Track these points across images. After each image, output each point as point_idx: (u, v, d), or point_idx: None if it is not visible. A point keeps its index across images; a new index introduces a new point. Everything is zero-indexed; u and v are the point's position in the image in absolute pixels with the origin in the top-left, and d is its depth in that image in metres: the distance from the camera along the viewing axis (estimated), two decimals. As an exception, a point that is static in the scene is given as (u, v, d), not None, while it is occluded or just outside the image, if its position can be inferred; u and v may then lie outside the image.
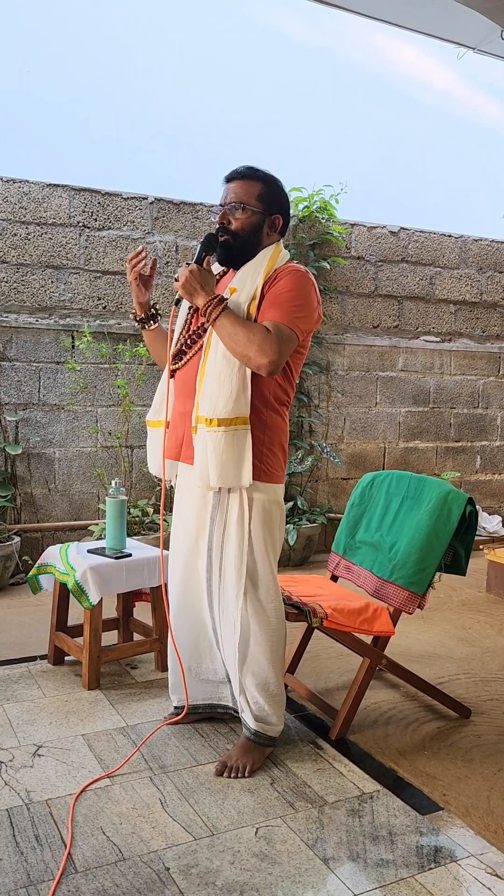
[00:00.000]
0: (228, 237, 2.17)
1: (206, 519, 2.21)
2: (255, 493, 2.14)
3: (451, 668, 3.03)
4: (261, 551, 2.16)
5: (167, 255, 4.52)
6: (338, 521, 4.72)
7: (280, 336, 2.04)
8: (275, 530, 2.21)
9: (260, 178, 2.19)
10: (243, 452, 2.07)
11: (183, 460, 2.24)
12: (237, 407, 2.06)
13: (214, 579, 2.22)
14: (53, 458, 4.32)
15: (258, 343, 2.01)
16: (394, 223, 5.19)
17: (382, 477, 2.78)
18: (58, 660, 2.91)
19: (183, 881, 1.67)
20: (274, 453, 2.19)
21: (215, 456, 2.05)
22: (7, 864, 1.72)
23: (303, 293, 2.11)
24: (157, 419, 2.35)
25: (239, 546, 2.14)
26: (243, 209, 2.16)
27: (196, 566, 2.26)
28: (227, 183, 2.22)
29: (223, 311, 2.05)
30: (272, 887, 1.67)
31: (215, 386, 2.07)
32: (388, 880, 1.71)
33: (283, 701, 2.24)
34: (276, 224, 2.22)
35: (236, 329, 2.03)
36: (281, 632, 2.21)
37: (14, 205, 4.13)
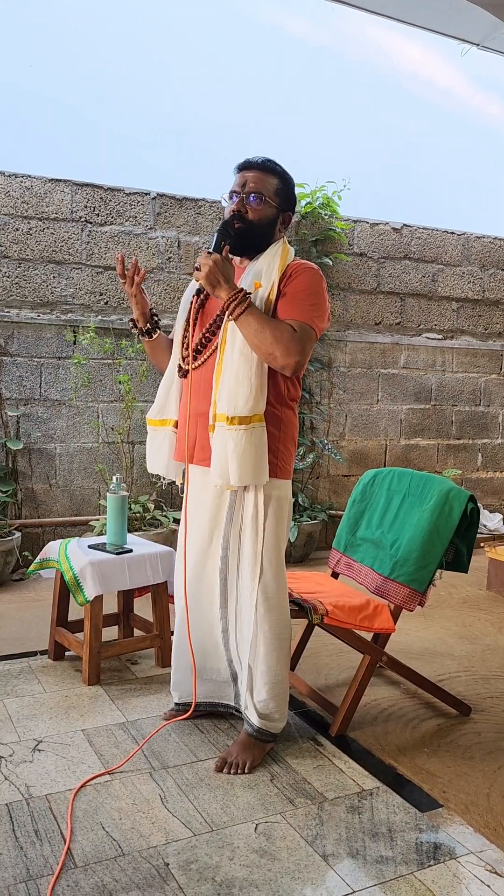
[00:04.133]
0: (244, 226, 2.13)
1: (222, 519, 2.20)
2: (269, 489, 2.14)
3: (451, 666, 3.03)
4: (273, 548, 2.16)
5: (169, 251, 4.51)
6: (339, 518, 4.72)
7: (304, 336, 2.04)
8: (285, 526, 2.21)
9: (278, 173, 2.18)
10: (261, 449, 2.06)
11: (197, 463, 2.21)
12: (256, 404, 2.05)
13: (231, 578, 2.22)
14: (55, 454, 4.32)
15: (285, 343, 2.00)
16: (396, 220, 5.18)
17: (384, 474, 2.77)
18: (58, 655, 2.91)
19: (182, 877, 1.68)
20: (287, 448, 2.19)
21: (236, 454, 2.03)
22: (6, 859, 1.72)
23: (318, 291, 2.11)
24: (162, 418, 2.33)
25: (254, 544, 2.14)
26: (262, 201, 2.14)
27: (208, 566, 2.25)
28: (244, 171, 2.18)
29: (249, 306, 2.02)
30: (272, 883, 1.67)
31: (234, 383, 2.05)
32: (387, 877, 1.71)
33: (287, 698, 2.24)
34: (287, 221, 2.22)
35: (262, 327, 2.00)
36: (288, 629, 2.21)
37: (16, 200, 4.12)
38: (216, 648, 2.31)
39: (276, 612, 2.17)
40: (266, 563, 2.15)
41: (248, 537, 2.16)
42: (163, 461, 2.34)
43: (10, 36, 4.43)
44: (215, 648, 2.31)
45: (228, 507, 2.18)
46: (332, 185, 4.72)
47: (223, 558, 2.21)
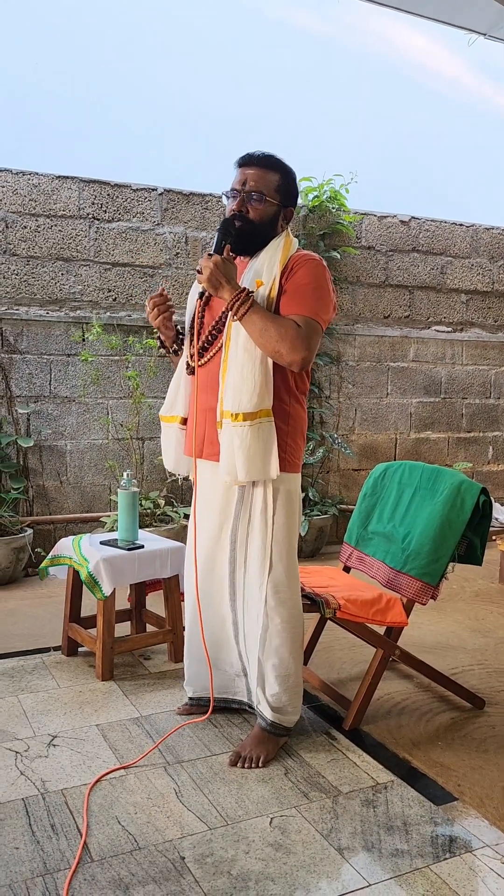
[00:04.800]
0: (245, 225, 2.12)
1: (230, 513, 2.21)
2: (278, 483, 2.14)
3: (464, 659, 3.02)
4: (283, 542, 2.17)
5: (177, 247, 4.51)
6: (349, 512, 4.71)
7: (309, 331, 2.03)
8: (295, 520, 2.21)
9: (279, 168, 2.16)
10: (269, 444, 2.06)
11: (206, 458, 2.22)
12: (261, 400, 2.05)
13: (238, 572, 2.23)
14: (65, 451, 4.33)
15: (290, 339, 2.00)
16: (404, 212, 5.16)
17: (395, 467, 2.77)
18: (71, 651, 2.92)
19: (198, 870, 1.68)
20: (296, 442, 2.20)
21: (242, 450, 2.04)
22: (24, 853, 1.73)
23: (322, 283, 2.10)
24: (171, 414, 2.34)
25: (263, 538, 2.15)
26: (262, 199, 2.12)
27: (218, 560, 2.26)
28: (244, 167, 2.16)
29: (252, 305, 2.02)
30: (287, 877, 1.67)
31: (238, 380, 2.06)
32: (403, 870, 1.71)
33: (301, 691, 2.24)
34: (289, 216, 2.22)
35: (267, 325, 2.00)
36: (301, 622, 2.21)
37: (24, 197, 4.13)
38: (227, 642, 2.32)
39: (289, 606, 2.17)
40: (276, 557, 2.15)
41: (256, 531, 2.16)
42: (171, 457, 2.36)
43: (16, 32, 4.43)
44: (227, 642, 2.32)
45: (237, 501, 2.19)
46: (339, 179, 4.70)
47: (231, 552, 2.23)
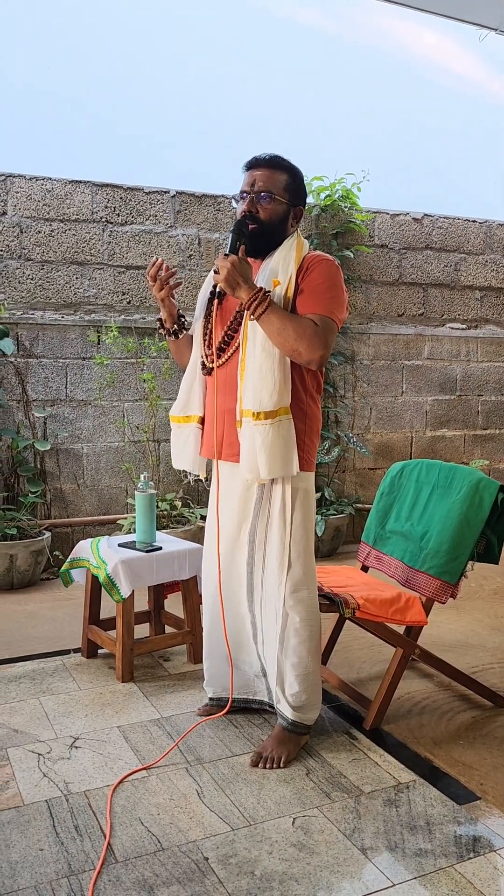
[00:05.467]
0: (256, 226, 2.14)
1: (249, 513, 2.22)
2: (296, 482, 2.16)
3: (484, 658, 3.00)
4: (300, 540, 2.18)
5: (190, 249, 4.52)
6: (365, 511, 4.70)
7: (326, 329, 2.05)
8: (311, 518, 2.23)
9: (286, 168, 2.19)
10: (290, 441, 2.08)
11: (226, 459, 2.22)
12: (280, 398, 2.06)
13: (256, 572, 2.24)
14: (82, 454, 4.35)
15: (308, 338, 2.01)
16: (417, 210, 5.14)
17: (412, 466, 2.76)
18: (91, 653, 2.94)
19: (222, 871, 1.68)
20: (312, 441, 2.21)
21: (264, 448, 2.05)
22: (48, 855, 1.74)
23: (336, 283, 2.12)
24: (186, 415, 2.34)
25: (281, 537, 2.16)
26: (272, 199, 2.14)
27: (236, 560, 2.27)
28: (252, 170, 2.18)
29: (269, 305, 2.03)
30: (311, 877, 1.67)
31: (258, 379, 2.07)
32: (427, 870, 1.70)
33: (319, 689, 2.25)
34: (299, 215, 2.23)
35: (285, 324, 2.02)
36: (318, 620, 2.22)
37: (38, 202, 4.16)
38: (247, 642, 2.33)
39: (307, 604, 2.18)
40: (294, 556, 2.16)
41: (275, 530, 2.17)
42: (189, 457, 2.34)
43: (26, 38, 4.46)
44: (247, 641, 2.33)
45: (256, 500, 2.20)
46: (351, 177, 4.69)
47: (250, 552, 2.23)
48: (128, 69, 4.70)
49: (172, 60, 4.85)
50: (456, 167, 5.66)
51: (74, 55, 4.56)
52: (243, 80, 4.99)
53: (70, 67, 4.54)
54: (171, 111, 4.82)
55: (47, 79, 4.49)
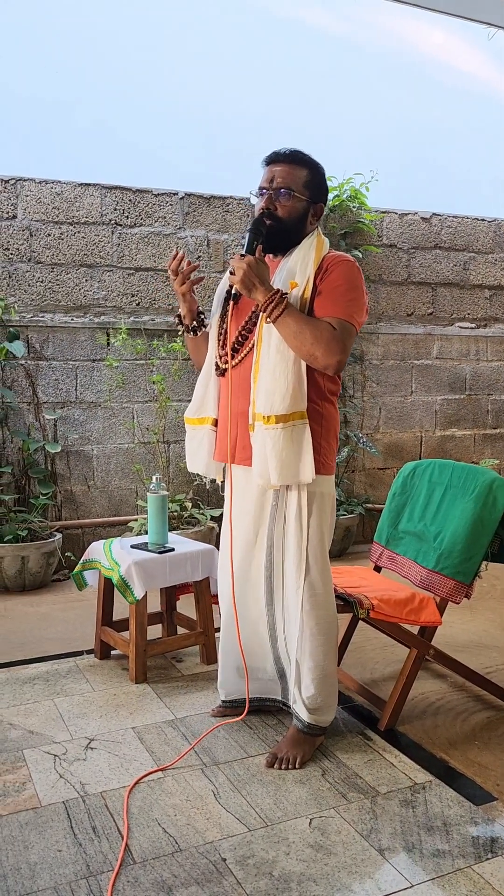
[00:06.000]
0: (274, 223, 2.09)
1: (266, 517, 2.18)
2: (312, 486, 2.11)
3: (497, 658, 3.00)
4: (317, 545, 2.15)
5: (199, 250, 4.52)
6: (375, 511, 4.70)
7: (344, 333, 2.01)
8: (329, 522, 2.20)
9: (306, 163, 2.13)
10: (303, 447, 2.03)
11: (238, 462, 2.18)
12: (294, 402, 2.01)
13: (276, 576, 2.21)
14: (92, 455, 4.36)
15: (325, 342, 1.97)
16: (426, 209, 5.13)
17: (424, 466, 2.75)
18: (104, 654, 2.95)
19: (240, 872, 1.69)
20: (330, 444, 2.17)
21: (275, 454, 2.01)
22: (67, 856, 1.75)
23: (356, 285, 2.08)
24: (200, 417, 2.30)
25: (298, 541, 2.13)
26: (291, 195, 2.09)
27: (254, 564, 2.24)
28: (271, 165, 2.13)
29: (286, 308, 1.99)
30: (329, 878, 1.67)
31: (270, 381, 2.02)
32: (444, 871, 1.70)
33: (336, 691, 2.24)
34: (319, 212, 2.17)
35: (301, 328, 1.97)
36: (335, 622, 2.21)
37: (47, 205, 4.17)
38: (261, 647, 2.31)
39: (323, 608, 2.16)
40: (311, 560, 2.14)
41: (292, 535, 2.14)
42: (203, 460, 2.30)
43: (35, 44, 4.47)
44: (260, 647, 2.31)
45: (272, 505, 2.17)
46: (359, 177, 4.69)
47: (268, 556, 2.21)
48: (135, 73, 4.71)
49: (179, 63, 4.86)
50: (465, 166, 5.65)
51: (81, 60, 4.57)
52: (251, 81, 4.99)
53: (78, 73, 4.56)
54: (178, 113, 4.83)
55: (56, 84, 4.50)
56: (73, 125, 4.54)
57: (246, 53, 5.03)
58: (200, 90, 4.88)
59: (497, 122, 5.74)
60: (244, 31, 5.05)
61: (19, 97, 4.41)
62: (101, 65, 4.62)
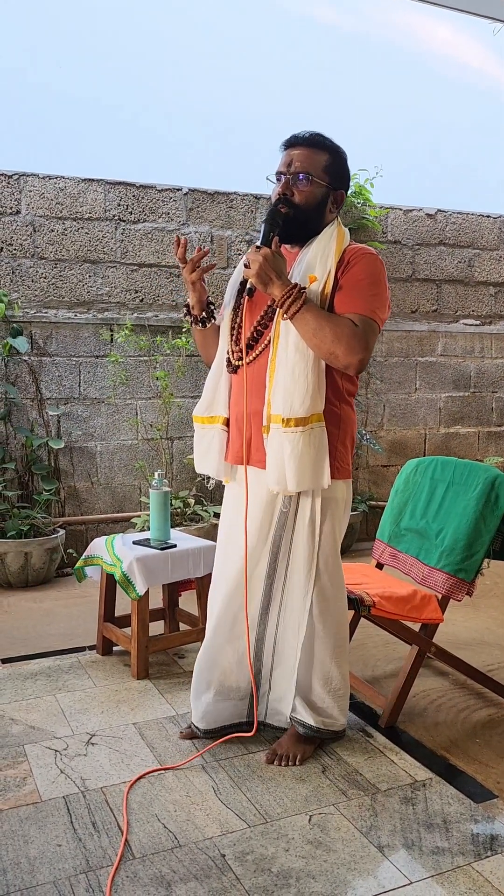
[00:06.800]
0: (291, 210, 1.98)
1: (272, 523, 2.07)
2: (327, 492, 2.03)
3: (499, 656, 2.99)
4: (330, 551, 2.08)
5: (203, 246, 4.51)
6: (379, 508, 4.69)
7: (367, 330, 1.90)
8: (342, 527, 2.13)
9: (327, 147, 2.02)
10: (322, 452, 1.94)
11: (252, 464, 2.07)
12: (314, 403, 1.92)
13: (276, 586, 2.11)
14: (95, 452, 4.36)
15: (346, 340, 1.87)
16: (430, 205, 5.11)
17: (427, 463, 2.75)
18: (106, 650, 2.95)
19: (239, 868, 1.69)
20: (346, 447, 2.07)
21: (294, 458, 1.91)
22: (66, 850, 1.75)
23: (379, 280, 1.97)
24: (210, 415, 2.17)
25: (310, 548, 2.05)
26: (309, 181, 1.98)
27: (254, 574, 2.11)
28: (289, 149, 2.01)
29: (305, 303, 1.88)
30: (328, 874, 1.67)
31: (289, 382, 1.92)
32: (444, 868, 1.70)
33: (346, 695, 2.19)
34: (340, 200, 2.05)
35: (321, 325, 1.87)
36: (345, 627, 2.16)
37: (51, 201, 4.17)
38: (240, 664, 2.17)
39: (336, 614, 2.10)
40: (322, 566, 2.06)
41: (302, 541, 2.05)
42: (213, 462, 2.17)
43: (38, 37, 4.47)
44: (238, 663, 2.17)
45: (281, 511, 2.06)
46: (364, 173, 4.67)
47: (270, 564, 2.09)
48: (140, 67, 4.70)
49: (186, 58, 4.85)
50: (470, 162, 5.62)
51: (87, 54, 4.57)
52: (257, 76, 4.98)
53: (82, 66, 4.55)
54: (184, 109, 4.82)
55: (60, 78, 4.50)
56: (77, 120, 4.53)
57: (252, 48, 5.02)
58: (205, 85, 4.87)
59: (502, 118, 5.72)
60: (251, 26, 5.03)
61: (23, 92, 4.40)
62: (106, 59, 4.61)
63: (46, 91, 4.46)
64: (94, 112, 4.57)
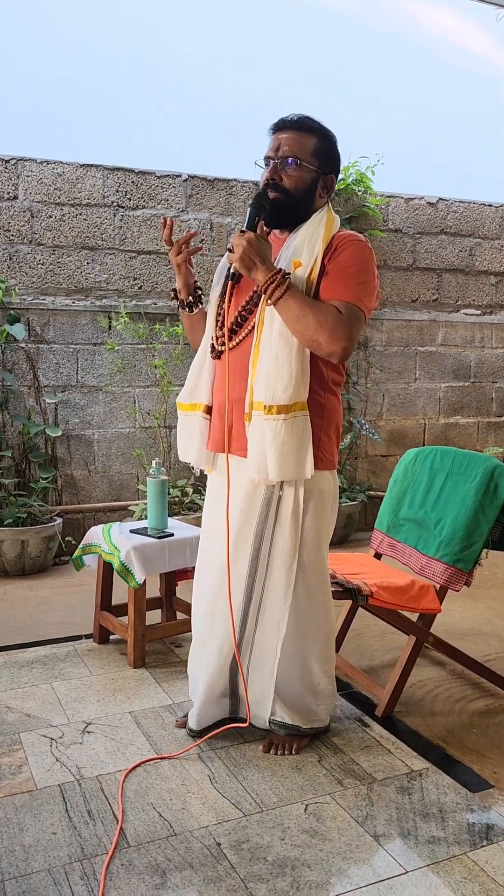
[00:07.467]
0: (279, 195, 1.95)
1: (255, 515, 2.02)
2: (310, 483, 1.98)
3: (497, 646, 2.99)
4: (313, 545, 2.03)
5: (202, 233, 4.48)
6: (378, 498, 4.68)
7: (351, 318, 1.86)
8: (329, 521, 2.08)
9: (316, 130, 1.98)
10: (304, 441, 1.90)
11: (232, 452, 2.03)
12: (297, 391, 1.88)
13: (258, 582, 2.05)
14: (93, 440, 4.35)
15: (330, 328, 1.83)
16: (432, 194, 5.08)
17: (426, 453, 2.73)
18: (103, 639, 2.94)
19: (234, 856, 1.68)
20: (330, 437, 2.03)
21: (275, 447, 1.87)
22: (61, 838, 1.74)
23: (367, 267, 1.93)
24: (192, 402, 2.15)
25: (292, 541, 2.00)
26: (298, 165, 1.94)
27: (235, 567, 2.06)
28: (277, 133, 1.98)
29: (288, 289, 1.85)
30: (323, 863, 1.67)
31: (273, 369, 1.88)
32: (439, 857, 1.69)
33: (332, 696, 2.17)
34: (330, 185, 2.01)
35: (304, 311, 1.84)
36: (331, 625, 2.13)
37: (48, 186, 4.13)
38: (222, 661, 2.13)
39: (322, 610, 2.08)
40: (306, 560, 2.02)
41: (285, 535, 2.00)
42: (194, 450, 2.14)
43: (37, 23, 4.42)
44: (221, 661, 2.13)
45: (264, 502, 2.01)
46: (365, 161, 4.64)
47: (252, 559, 2.03)
48: (140, 53, 4.65)
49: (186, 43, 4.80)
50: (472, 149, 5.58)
51: (85, 39, 4.51)
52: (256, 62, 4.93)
53: (81, 51, 4.50)
54: (184, 94, 4.77)
55: (58, 63, 4.44)
56: (76, 105, 4.49)
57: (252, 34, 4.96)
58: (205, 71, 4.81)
59: (505, 106, 5.66)
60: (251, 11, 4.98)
61: (20, 76, 4.36)
62: (104, 44, 4.56)
63: (44, 76, 4.41)
64: (92, 97, 4.53)
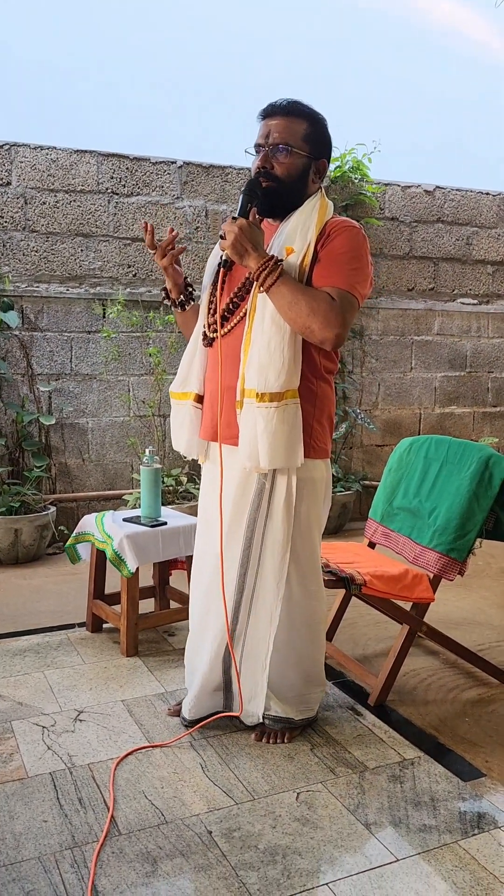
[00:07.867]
0: (271, 183, 1.93)
1: (247, 504, 2.00)
2: (303, 471, 1.97)
3: (490, 635, 2.99)
4: (306, 534, 2.02)
5: (197, 220, 4.45)
6: (372, 488, 4.67)
7: (344, 305, 1.85)
8: (321, 510, 2.07)
9: (306, 115, 1.95)
10: (295, 429, 1.89)
11: (224, 441, 2.00)
12: (289, 379, 1.86)
13: (250, 572, 2.03)
14: (87, 428, 4.33)
15: (323, 314, 1.82)
16: (429, 182, 5.04)
17: (421, 442, 2.72)
18: (96, 627, 2.94)
19: (225, 844, 1.68)
20: (322, 426, 2.02)
21: (266, 434, 1.86)
22: (52, 826, 1.74)
23: (360, 254, 1.91)
24: (184, 391, 2.13)
25: (285, 531, 1.98)
26: (289, 152, 1.92)
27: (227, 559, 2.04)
28: (267, 119, 1.95)
29: (280, 275, 1.83)
30: (314, 851, 1.66)
31: (265, 355, 1.86)
32: (431, 846, 1.69)
33: (322, 682, 2.18)
34: (322, 169, 1.99)
35: (297, 298, 1.82)
36: (323, 616, 2.12)
37: (42, 172, 4.09)
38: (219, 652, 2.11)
39: (314, 599, 2.07)
40: (300, 549, 2.01)
41: (277, 524, 1.98)
42: (184, 439, 2.14)
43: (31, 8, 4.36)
44: (215, 653, 2.11)
45: (256, 491, 1.99)
46: (362, 148, 4.60)
47: (245, 549, 2.02)
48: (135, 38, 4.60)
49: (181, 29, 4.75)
50: (469, 137, 5.54)
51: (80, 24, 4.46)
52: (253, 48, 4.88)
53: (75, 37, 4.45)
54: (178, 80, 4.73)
55: (53, 48, 4.40)
56: (70, 90, 4.44)
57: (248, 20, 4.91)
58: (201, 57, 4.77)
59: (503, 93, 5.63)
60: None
61: (14, 60, 4.31)
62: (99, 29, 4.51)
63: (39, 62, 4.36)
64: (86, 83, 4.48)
